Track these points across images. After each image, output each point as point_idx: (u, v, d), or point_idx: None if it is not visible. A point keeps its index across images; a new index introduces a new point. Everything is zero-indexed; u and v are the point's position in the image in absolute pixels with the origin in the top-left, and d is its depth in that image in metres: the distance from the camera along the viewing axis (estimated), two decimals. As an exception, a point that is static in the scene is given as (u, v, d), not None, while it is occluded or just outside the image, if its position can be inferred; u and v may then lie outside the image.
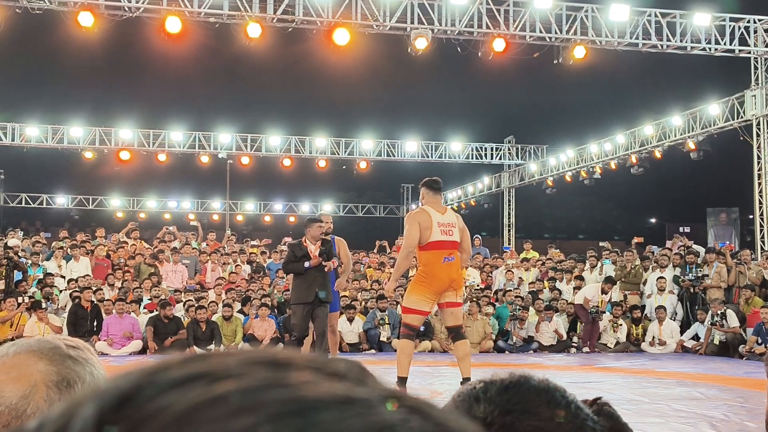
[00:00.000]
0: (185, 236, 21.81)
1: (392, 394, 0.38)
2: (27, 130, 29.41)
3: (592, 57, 21.11)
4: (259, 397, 0.34)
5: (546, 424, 1.07)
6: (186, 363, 0.36)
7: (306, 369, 0.38)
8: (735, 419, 7.24)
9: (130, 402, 0.33)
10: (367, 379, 0.39)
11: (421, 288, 8.35)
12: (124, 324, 14.92)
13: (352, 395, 0.36)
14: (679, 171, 38.35)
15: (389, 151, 32.96)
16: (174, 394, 0.33)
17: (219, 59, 41.47)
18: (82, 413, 0.33)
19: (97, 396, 0.34)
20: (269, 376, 0.36)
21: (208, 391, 0.34)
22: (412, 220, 8.43)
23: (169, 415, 0.32)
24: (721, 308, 15.06)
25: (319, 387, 0.36)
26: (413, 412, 0.37)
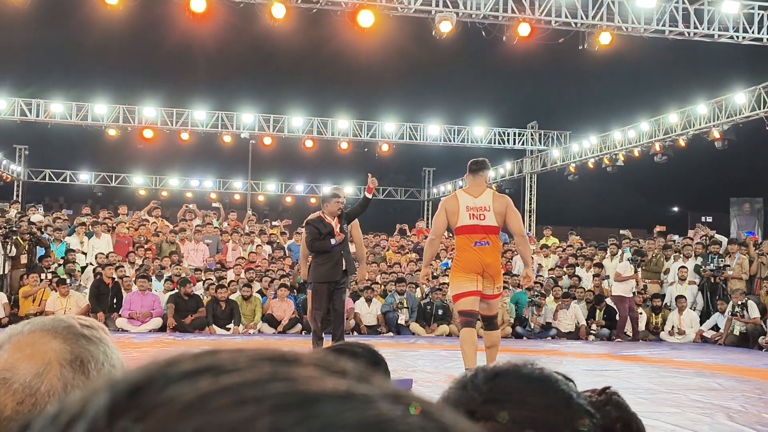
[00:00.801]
0: (206, 214, 21.94)
1: (394, 392, 0.39)
2: (51, 107, 29.58)
3: (618, 43, 20.96)
4: (263, 389, 0.35)
5: (531, 414, 1.05)
6: (197, 357, 0.38)
7: (311, 366, 0.39)
8: (752, 410, 7.22)
9: (142, 392, 0.35)
10: (371, 378, 0.40)
11: (457, 272, 8.15)
12: (145, 301, 15.05)
13: (353, 391, 0.37)
14: (703, 160, 38.02)
15: (411, 135, 32.90)
16: (183, 386, 0.35)
17: (243, 40, 41.46)
18: (96, 401, 0.34)
19: (111, 385, 0.35)
20: (274, 371, 0.37)
21: (215, 383, 0.35)
22: (440, 207, 8.24)
23: (177, 405, 0.34)
24: (741, 299, 14.98)
25: (321, 382, 0.37)
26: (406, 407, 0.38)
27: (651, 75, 51.35)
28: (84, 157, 42.68)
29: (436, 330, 15.83)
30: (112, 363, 1.23)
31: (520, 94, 52.80)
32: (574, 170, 32.23)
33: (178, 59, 48.87)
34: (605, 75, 44.90)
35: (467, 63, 49.41)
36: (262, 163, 40.81)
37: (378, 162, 34.27)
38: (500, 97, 50.89)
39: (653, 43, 22.62)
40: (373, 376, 0.40)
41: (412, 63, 47.54)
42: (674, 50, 29.56)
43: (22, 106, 29.42)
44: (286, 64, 52.11)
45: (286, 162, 42.61)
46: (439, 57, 43.85)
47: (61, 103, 29.75)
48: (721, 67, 31.51)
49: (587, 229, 44.92)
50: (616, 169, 30.06)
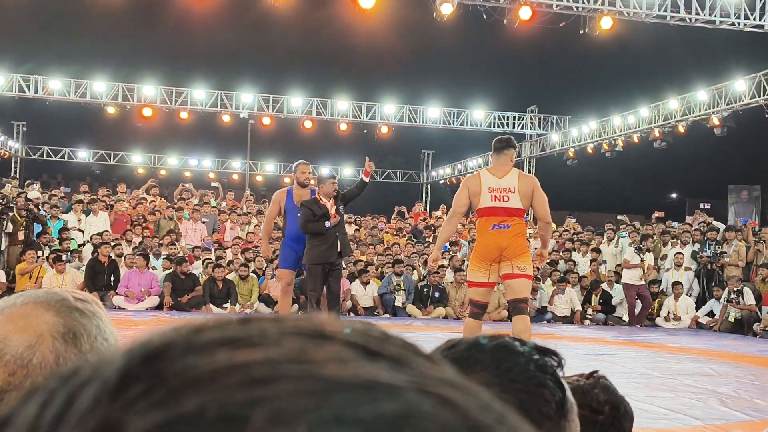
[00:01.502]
0: (204, 193, 21.95)
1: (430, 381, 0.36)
2: (50, 83, 29.48)
3: (619, 28, 20.91)
4: (278, 370, 0.34)
5: (489, 380, 1.07)
6: (224, 326, 0.37)
7: (344, 345, 0.36)
8: (745, 396, 7.25)
9: (157, 360, 0.34)
10: (410, 362, 0.37)
11: (473, 259, 7.69)
12: (143, 279, 15.07)
13: (378, 379, 0.35)
14: (702, 146, 38.01)
15: (411, 117, 32.83)
16: (199, 357, 0.34)
17: (244, 20, 41.33)
18: (110, 365, 0.34)
19: (127, 350, 0.35)
20: (298, 349, 0.35)
21: (231, 358, 0.34)
22: (462, 185, 7.71)
23: (187, 378, 0.33)
24: (737, 285, 15.02)
25: (344, 366, 0.35)
26: (445, 405, 0.35)
27: (651, 61, 51.26)
28: (82, 134, 42.64)
29: (432, 312, 15.87)
30: (105, 337, 1.24)
31: (520, 77, 52.71)
32: (572, 155, 32.21)
33: (178, 38, 48.70)
34: (606, 60, 44.82)
35: (468, 46, 49.27)
36: (261, 143, 40.82)
37: (377, 144, 34.23)
38: (500, 80, 50.79)
39: (654, 29, 22.59)
40: (413, 360, 0.37)
41: (413, 45, 47.42)
42: (675, 36, 29.50)
43: (20, 82, 29.32)
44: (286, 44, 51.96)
45: (285, 142, 42.56)
46: (439, 39, 43.75)
47: (59, 80, 29.65)
48: (721, 53, 31.44)
49: (585, 215, 44.97)
50: (615, 155, 30.05)
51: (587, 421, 1.61)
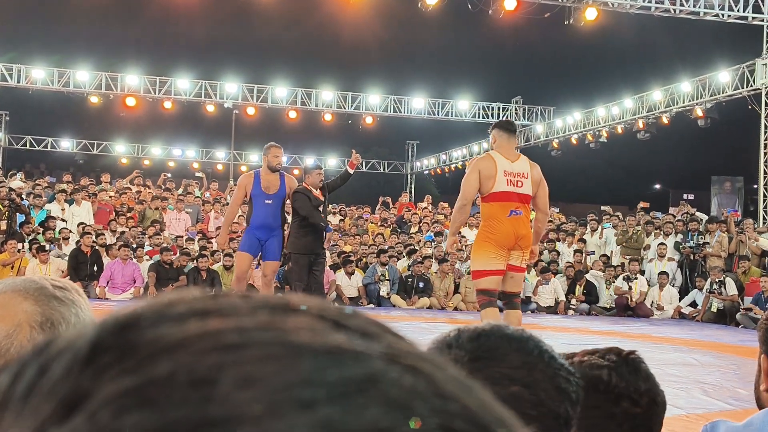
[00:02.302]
0: (188, 183, 21.88)
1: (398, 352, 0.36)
2: (33, 72, 29.28)
3: (604, 19, 20.95)
4: (248, 337, 0.34)
5: (514, 372, 1.07)
6: (196, 300, 0.37)
7: (313, 317, 0.37)
8: (727, 386, 7.30)
9: (128, 330, 0.35)
10: (379, 336, 0.37)
11: (486, 245, 7.20)
12: (126, 269, 15.01)
13: (346, 346, 0.35)
14: (685, 138, 38.19)
15: (396, 107, 32.81)
16: (170, 327, 0.35)
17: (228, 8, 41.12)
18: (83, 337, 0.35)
19: (100, 323, 0.36)
20: (269, 320, 0.36)
21: (202, 326, 0.35)
22: (473, 167, 7.23)
23: (158, 345, 0.34)
24: (720, 276, 15.10)
25: (313, 335, 0.35)
26: (414, 372, 0.35)
27: (636, 52, 51.38)
28: (66, 124, 42.37)
29: (417, 302, 15.89)
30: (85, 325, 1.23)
31: (505, 68, 52.71)
32: (557, 146, 32.27)
33: (161, 27, 48.44)
34: (590, 51, 44.90)
35: (453, 36, 49.25)
36: (245, 133, 40.63)
37: (361, 134, 34.19)
38: (485, 71, 50.80)
39: (639, 20, 22.64)
40: (382, 335, 0.37)
41: (398, 35, 47.34)
42: (659, 27, 29.56)
43: (2, 70, 29.09)
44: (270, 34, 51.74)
45: (269, 132, 42.20)
46: (424, 29, 43.70)
47: (42, 69, 29.44)
48: (705, 45, 31.56)
49: (570, 205, 45.07)
50: (599, 146, 30.13)
51: (626, 414, 1.54)
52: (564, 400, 1.09)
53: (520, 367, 1.08)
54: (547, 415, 1.07)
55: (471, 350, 1.09)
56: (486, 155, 7.39)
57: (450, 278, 16.19)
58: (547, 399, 1.07)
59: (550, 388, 1.07)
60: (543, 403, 1.07)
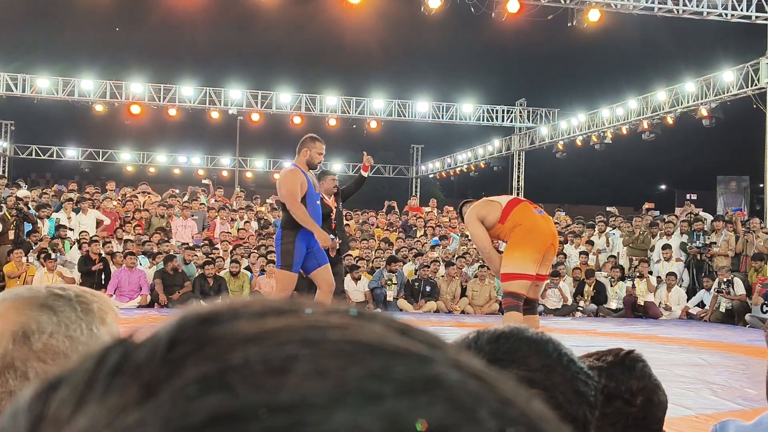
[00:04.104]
0: (194, 190, 21.92)
1: (461, 360, 0.38)
2: (38, 82, 29.34)
3: (607, 20, 20.94)
4: (322, 334, 0.36)
5: (534, 375, 1.07)
6: (271, 301, 0.39)
7: (382, 323, 0.39)
8: (736, 386, 7.29)
9: (207, 324, 0.37)
10: (443, 345, 0.39)
11: (523, 245, 7.10)
12: (132, 277, 15.03)
13: (413, 349, 0.37)
14: (690, 138, 38.14)
15: (400, 111, 32.80)
16: (248, 322, 0.37)
17: (231, 15, 41.23)
18: (164, 328, 0.37)
19: (180, 316, 0.38)
20: (342, 321, 0.38)
21: (278, 321, 0.37)
22: (472, 219, 7.24)
23: (237, 337, 0.36)
24: (727, 276, 15.07)
25: (381, 336, 0.37)
26: (476, 378, 0.37)
27: (639, 52, 51.36)
28: (71, 132, 42.51)
29: (423, 306, 15.87)
30: (69, 333, 1.23)
31: (508, 71, 52.72)
32: (562, 147, 32.23)
33: (165, 35, 48.54)
34: (594, 52, 44.90)
35: (456, 40, 49.29)
36: (249, 140, 40.75)
37: (366, 139, 34.18)
38: (489, 74, 50.82)
39: (642, 21, 22.63)
40: (444, 345, 0.39)
41: (401, 39, 47.39)
42: (663, 28, 29.54)
43: (7, 80, 29.16)
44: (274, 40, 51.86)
45: (274, 138, 42.45)
46: (428, 34, 43.75)
47: (47, 78, 29.50)
48: (709, 44, 31.55)
49: (575, 207, 45.03)
50: (604, 147, 30.07)
51: (618, 414, 1.55)
52: (582, 404, 1.09)
53: (539, 370, 1.08)
54: (566, 418, 1.06)
55: (490, 352, 1.09)
56: (473, 205, 7.43)
57: (457, 282, 16.18)
58: (565, 402, 1.07)
59: (568, 391, 1.08)
60: (561, 406, 1.07)
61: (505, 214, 7.12)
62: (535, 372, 1.07)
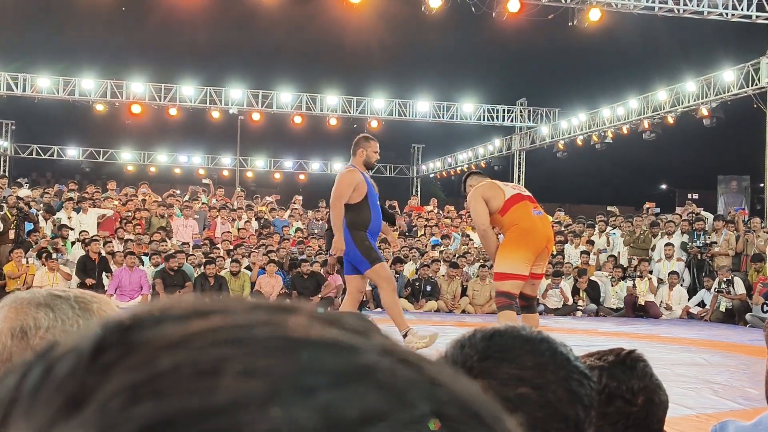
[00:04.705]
0: (195, 189, 21.91)
1: (388, 346, 0.38)
2: (38, 81, 29.34)
3: (607, 20, 20.94)
4: (249, 332, 0.36)
5: (525, 373, 1.07)
6: (194, 302, 0.39)
7: (308, 316, 0.39)
8: (736, 385, 7.29)
9: (131, 330, 0.36)
10: (369, 333, 0.39)
11: (517, 246, 7.14)
12: (133, 276, 15.04)
13: (342, 339, 0.37)
14: (691, 137, 38.08)
15: (401, 111, 32.81)
16: (172, 326, 0.36)
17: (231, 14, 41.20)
18: (87, 337, 0.36)
19: (103, 324, 0.37)
20: (266, 317, 0.37)
21: (203, 324, 0.36)
22: (474, 198, 7.21)
23: (162, 342, 0.35)
24: (728, 275, 15.07)
25: (310, 330, 0.37)
26: (404, 363, 0.37)
27: (640, 52, 51.31)
28: (71, 132, 42.46)
29: (424, 306, 15.88)
30: (65, 329, 1.26)
31: (509, 70, 52.70)
32: (562, 147, 32.23)
33: (166, 34, 48.51)
34: (594, 52, 44.85)
35: (456, 39, 49.26)
36: (250, 139, 40.72)
37: (367, 138, 34.09)
38: (489, 73, 50.81)
39: (643, 20, 22.62)
40: (373, 332, 0.40)
41: (402, 39, 47.36)
42: (663, 27, 29.52)
43: (8, 80, 29.16)
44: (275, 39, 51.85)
45: (274, 138, 42.48)
46: (428, 33, 43.72)
47: (47, 78, 29.51)
48: (709, 44, 31.51)
49: (575, 206, 45.05)
50: (605, 146, 30.08)
51: (619, 413, 1.55)
52: (575, 404, 1.08)
53: (531, 368, 1.07)
54: (555, 417, 1.06)
55: (482, 349, 1.09)
56: (478, 185, 7.40)
57: (457, 281, 16.19)
58: (555, 401, 1.06)
59: (560, 390, 1.07)
60: (551, 405, 1.06)
61: (506, 207, 7.16)
62: (526, 370, 1.07)
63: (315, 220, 20.51)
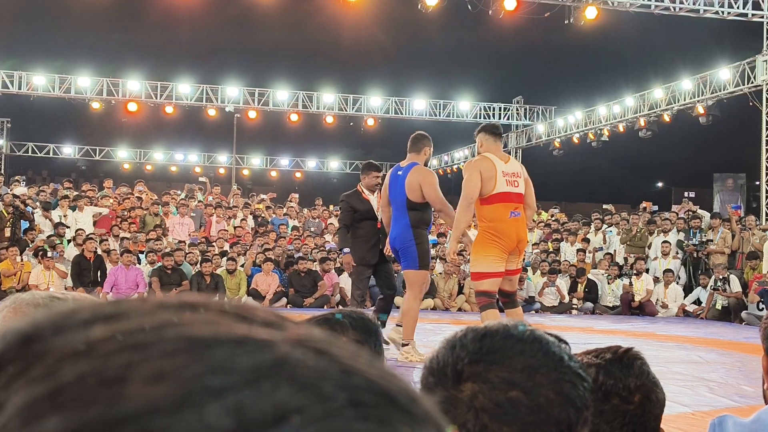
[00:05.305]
0: (191, 187, 21.90)
1: (300, 337, 0.37)
2: (34, 79, 29.28)
3: (604, 18, 20.95)
4: (155, 335, 0.34)
5: (514, 376, 1.04)
6: (96, 306, 0.37)
7: (215, 312, 0.37)
8: (732, 383, 7.30)
9: (31, 341, 0.34)
10: (282, 324, 0.38)
11: (488, 246, 7.19)
12: (129, 275, 15.02)
13: (251, 335, 0.36)
14: (687, 135, 38.15)
15: (397, 109, 32.80)
16: (73, 334, 0.34)
17: (229, 12, 41.18)
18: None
19: (2, 335, 0.35)
20: (172, 318, 0.36)
21: (106, 330, 0.34)
22: (473, 168, 7.17)
23: (65, 352, 0.33)
24: (724, 273, 15.09)
25: (217, 327, 0.36)
26: (319, 353, 0.36)
27: (636, 50, 51.37)
28: (67, 130, 42.41)
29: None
30: None
31: (505, 68, 52.72)
32: (559, 145, 32.24)
33: (162, 32, 48.48)
34: (591, 50, 44.90)
35: (453, 37, 49.25)
36: (247, 137, 40.64)
37: (363, 136, 34.17)
38: (486, 71, 50.82)
39: (639, 18, 22.63)
40: (285, 324, 0.39)
41: (398, 37, 47.36)
42: (660, 25, 29.55)
43: (3, 77, 29.10)
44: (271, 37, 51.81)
45: (271, 136, 42.47)
46: (424, 31, 43.72)
47: (43, 76, 29.45)
48: (705, 42, 31.55)
49: (572, 204, 45.05)
50: (601, 144, 30.09)
51: (615, 411, 1.54)
52: (567, 406, 1.05)
53: (521, 371, 1.05)
54: (546, 421, 1.04)
55: (473, 351, 1.07)
56: (482, 157, 7.33)
57: (454, 279, 16.19)
58: (546, 405, 1.04)
59: (551, 393, 1.05)
60: (542, 409, 1.04)
61: (491, 200, 7.18)
62: (516, 373, 1.04)
63: (311, 218, 20.53)
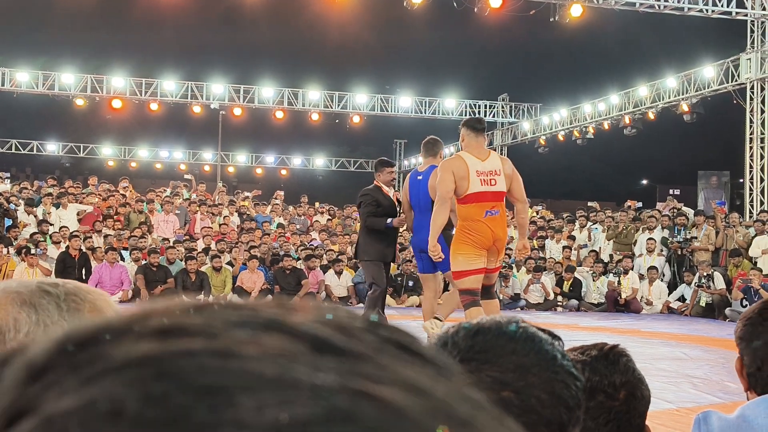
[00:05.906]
0: (176, 185, 21.83)
1: (378, 378, 0.31)
2: (17, 76, 29.10)
3: (589, 16, 21.01)
4: (193, 364, 0.31)
5: (506, 376, 1.03)
6: (172, 313, 0.35)
7: (293, 337, 0.33)
8: (715, 379, 7.34)
9: (83, 346, 0.33)
10: (374, 359, 0.33)
11: (464, 245, 7.22)
12: (114, 272, 14.96)
13: (302, 378, 0.31)
14: (672, 133, 38.30)
15: (383, 106, 32.79)
16: (123, 347, 0.32)
17: (213, 9, 41.06)
18: (41, 349, 0.33)
19: (64, 333, 0.34)
20: (233, 341, 0.32)
21: (150, 349, 0.32)
22: (445, 168, 7.18)
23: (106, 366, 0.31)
24: (708, 270, 15.17)
25: (272, 364, 0.31)
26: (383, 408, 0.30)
27: (621, 48, 51.49)
28: (51, 127, 42.15)
29: (406, 301, 15.89)
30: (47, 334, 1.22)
31: (491, 66, 52.75)
32: (544, 143, 32.32)
33: (147, 29, 48.26)
34: (576, 47, 45.00)
35: (439, 35, 49.24)
36: (232, 134, 40.54)
37: (349, 134, 34.14)
38: (471, 69, 50.84)
39: (624, 16, 22.70)
40: (379, 357, 0.33)
41: (384, 34, 47.32)
42: (645, 23, 29.64)
43: (-13, 74, 28.94)
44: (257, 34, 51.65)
45: (256, 133, 42.35)
46: (410, 28, 43.68)
47: (27, 72, 29.26)
48: (690, 40, 31.65)
49: (557, 202, 45.15)
50: (586, 142, 30.19)
51: (600, 408, 1.54)
52: (558, 406, 1.05)
53: (513, 370, 1.04)
54: (538, 422, 1.03)
55: (464, 349, 1.05)
56: (455, 156, 7.38)
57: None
58: (537, 405, 1.03)
59: (543, 393, 1.04)
60: (533, 409, 1.03)
61: (466, 200, 7.18)
62: (507, 373, 1.04)
63: (297, 216, 20.50)
